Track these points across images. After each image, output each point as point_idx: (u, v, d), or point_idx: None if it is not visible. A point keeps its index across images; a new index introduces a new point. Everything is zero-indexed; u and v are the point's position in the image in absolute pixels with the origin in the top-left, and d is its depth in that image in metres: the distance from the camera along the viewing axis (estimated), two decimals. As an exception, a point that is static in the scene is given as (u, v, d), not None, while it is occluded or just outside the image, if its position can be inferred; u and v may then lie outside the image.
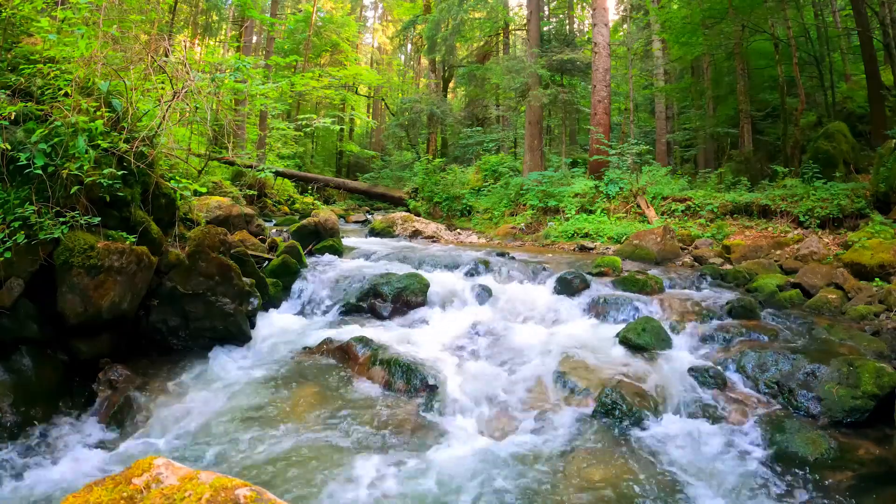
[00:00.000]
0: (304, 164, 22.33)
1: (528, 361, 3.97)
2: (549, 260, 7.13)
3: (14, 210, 3.01)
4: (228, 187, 11.52)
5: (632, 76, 18.95)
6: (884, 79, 10.97)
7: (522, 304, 5.27)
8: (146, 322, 3.86)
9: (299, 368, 3.88)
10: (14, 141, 3.08)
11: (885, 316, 4.71)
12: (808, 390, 3.40)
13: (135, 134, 3.72)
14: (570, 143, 19.67)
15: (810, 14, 13.58)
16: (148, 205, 4.07)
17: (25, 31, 3.79)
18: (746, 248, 7.41)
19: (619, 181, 10.77)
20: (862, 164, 9.32)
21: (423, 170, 14.43)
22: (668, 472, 2.73)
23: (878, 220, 7.02)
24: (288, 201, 15.16)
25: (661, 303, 5.01)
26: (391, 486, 2.57)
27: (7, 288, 3.02)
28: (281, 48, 22.56)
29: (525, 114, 15.87)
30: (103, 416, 3.13)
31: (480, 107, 22.24)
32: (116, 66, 3.95)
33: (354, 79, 24.27)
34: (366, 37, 35.37)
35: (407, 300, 5.12)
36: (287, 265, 5.44)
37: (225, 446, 2.87)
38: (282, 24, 19.34)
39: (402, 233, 10.07)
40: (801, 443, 2.90)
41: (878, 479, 2.66)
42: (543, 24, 17.92)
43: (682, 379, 3.67)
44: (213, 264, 4.05)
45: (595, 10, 13.03)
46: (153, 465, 1.34)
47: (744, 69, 12.61)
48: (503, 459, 2.83)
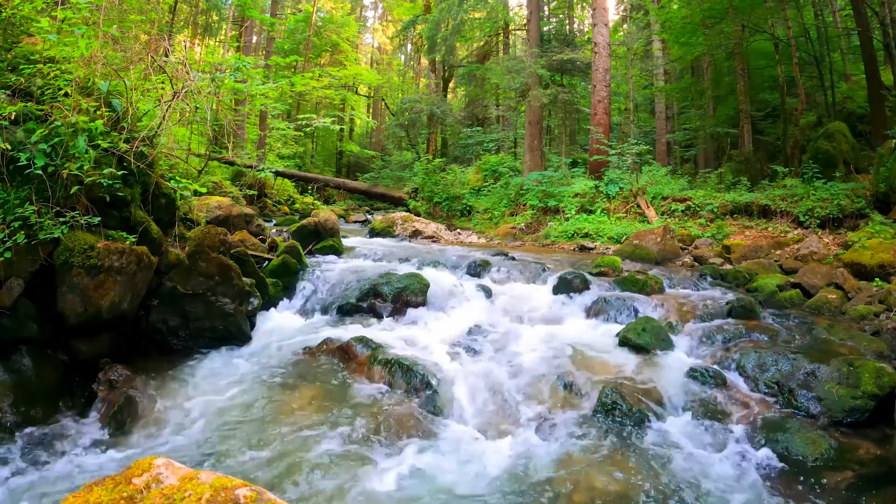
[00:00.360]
0: (304, 164, 22.34)
1: (528, 361, 3.97)
2: (549, 260, 7.13)
3: (14, 210, 3.01)
4: (228, 187, 11.52)
5: (632, 76, 18.95)
6: (884, 79, 10.97)
7: (522, 304, 5.27)
8: (146, 322, 3.86)
9: (299, 368, 3.88)
10: (14, 141, 3.08)
11: (885, 316, 4.71)
12: (808, 390, 3.39)
13: (135, 134, 3.72)
14: (570, 143, 19.67)
15: (810, 14, 13.59)
16: (148, 205, 4.07)
17: (25, 31, 3.80)
18: (746, 248, 7.41)
19: (619, 181, 10.77)
20: (862, 164, 9.32)
21: (423, 170, 14.43)
22: (668, 473, 2.73)
23: (878, 220, 7.02)
24: (288, 201, 15.16)
25: (662, 303, 5.01)
26: (391, 486, 2.57)
27: (7, 288, 3.02)
28: (281, 48, 22.56)
29: (525, 114, 15.87)
30: (103, 417, 3.12)
31: (480, 107, 22.25)
32: (116, 66, 3.95)
33: (354, 79, 24.28)
34: (366, 37, 35.39)
35: (407, 300, 5.12)
36: (287, 265, 5.44)
37: (225, 446, 2.87)
38: (282, 24, 19.36)
39: (402, 233, 10.07)
40: (801, 443, 2.90)
41: (878, 479, 2.66)
42: (543, 24, 17.92)
43: (682, 379, 3.67)
44: (213, 264, 4.05)
45: (595, 10, 13.03)
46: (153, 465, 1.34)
47: (744, 69, 12.61)
48: (503, 459, 2.83)
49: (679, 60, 16.86)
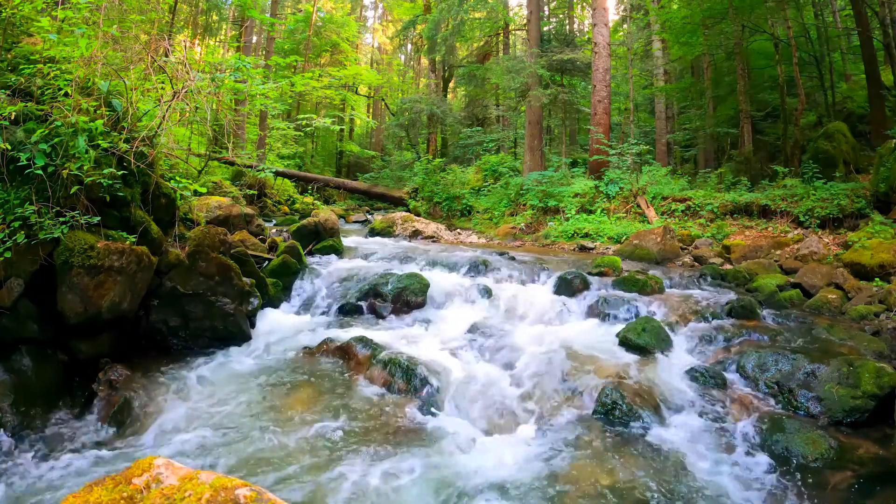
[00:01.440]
0: (304, 164, 22.33)
1: (528, 361, 3.97)
2: (549, 260, 7.13)
3: (14, 210, 3.02)
4: (228, 187, 11.51)
5: (632, 76, 18.95)
6: (884, 79, 10.97)
7: (522, 304, 5.27)
8: (146, 322, 3.87)
9: (299, 368, 3.88)
10: (14, 141, 3.08)
11: (885, 316, 4.71)
12: (808, 390, 3.40)
13: (135, 134, 3.72)
14: (570, 143, 19.67)
15: (810, 14, 13.59)
16: (148, 205, 4.07)
17: (25, 31, 3.80)
18: (746, 248, 7.41)
19: (619, 181, 10.77)
20: (862, 164, 9.32)
21: (423, 170, 14.42)
22: (667, 473, 2.73)
23: (878, 220, 7.02)
24: (288, 201, 15.16)
25: (661, 303, 5.01)
26: (391, 487, 2.57)
27: (7, 288, 3.02)
28: (281, 48, 22.55)
29: (525, 114, 15.87)
30: (103, 416, 3.12)
31: (480, 107, 22.25)
32: (116, 66, 3.95)
33: (354, 79, 24.27)
34: (366, 37, 35.37)
35: (407, 300, 5.12)
36: (287, 265, 5.44)
37: (225, 446, 2.87)
38: (282, 24, 19.37)
39: (402, 233, 10.07)
40: (801, 443, 2.90)
41: (878, 479, 2.66)
42: (543, 24, 17.92)
43: (681, 379, 3.68)
44: (213, 264, 4.05)
45: (595, 10, 13.03)
46: (153, 465, 1.34)
47: (744, 69, 12.60)
48: (502, 460, 2.83)
49: (679, 60, 16.86)
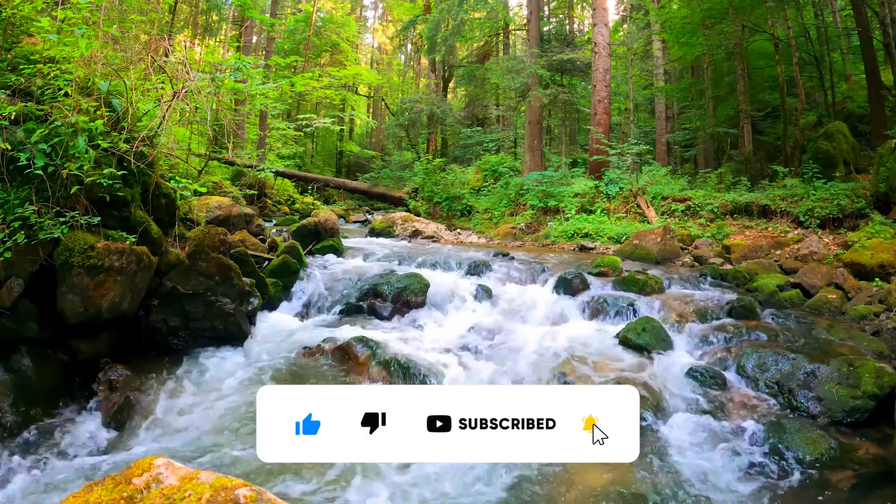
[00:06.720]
0: (304, 164, 22.31)
1: (528, 361, 3.97)
2: (549, 260, 7.13)
3: (14, 210, 3.01)
4: (228, 187, 11.50)
5: (632, 76, 18.94)
6: (884, 79, 10.96)
7: (522, 304, 5.27)
8: (146, 322, 3.86)
9: (299, 368, 3.88)
10: (14, 141, 3.08)
11: (885, 316, 4.71)
12: (808, 390, 3.39)
13: (135, 134, 3.72)
14: (570, 143, 19.66)
15: (810, 14, 13.58)
16: (148, 205, 4.06)
17: (25, 31, 3.79)
18: (746, 248, 7.41)
19: (619, 181, 10.77)
20: (862, 164, 9.31)
21: (423, 170, 14.41)
22: (667, 473, 2.73)
23: (878, 220, 7.02)
24: (288, 201, 15.15)
25: (661, 303, 5.01)
26: (391, 486, 2.57)
27: (7, 288, 3.02)
28: (281, 48, 22.54)
29: (525, 114, 15.87)
30: (103, 416, 3.12)
31: (480, 107, 22.24)
32: (116, 66, 3.95)
33: (354, 79, 24.26)
34: (366, 37, 35.36)
35: (407, 300, 5.12)
36: (287, 265, 5.44)
37: (225, 446, 2.87)
38: (282, 24, 19.36)
39: (402, 233, 10.07)
40: (801, 443, 2.90)
41: (878, 479, 2.66)
42: (543, 24, 17.93)
43: (681, 379, 3.67)
44: (213, 264, 4.05)
45: (595, 10, 13.03)
46: (153, 465, 1.34)
47: (744, 69, 12.60)
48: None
49: (679, 60, 16.84)
